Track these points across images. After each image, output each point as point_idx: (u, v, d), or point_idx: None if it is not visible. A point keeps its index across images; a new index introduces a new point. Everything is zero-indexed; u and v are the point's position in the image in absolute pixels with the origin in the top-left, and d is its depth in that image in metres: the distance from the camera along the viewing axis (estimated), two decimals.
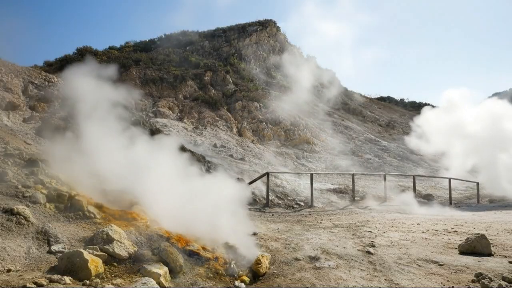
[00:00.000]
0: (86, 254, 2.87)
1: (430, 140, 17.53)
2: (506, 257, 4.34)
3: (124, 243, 3.34)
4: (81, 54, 19.91)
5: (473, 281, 3.47)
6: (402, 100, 37.71)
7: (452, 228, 6.15)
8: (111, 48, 24.83)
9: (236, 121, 17.98)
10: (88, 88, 5.50)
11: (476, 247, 4.50)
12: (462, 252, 4.54)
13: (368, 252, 4.48)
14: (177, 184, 4.71)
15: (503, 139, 15.40)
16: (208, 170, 9.06)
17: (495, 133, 15.43)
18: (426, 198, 11.95)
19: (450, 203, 11.37)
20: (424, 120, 18.81)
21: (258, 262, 3.74)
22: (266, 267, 3.80)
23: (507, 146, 15.42)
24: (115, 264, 3.12)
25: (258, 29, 28.11)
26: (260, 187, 9.73)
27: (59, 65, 17.93)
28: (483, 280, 3.36)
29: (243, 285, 3.34)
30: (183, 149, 8.97)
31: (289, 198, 9.89)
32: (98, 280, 2.75)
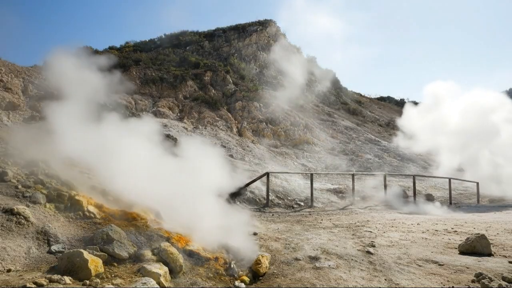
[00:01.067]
0: (86, 254, 2.87)
1: (418, 139, 17.27)
2: (506, 257, 4.34)
3: (124, 243, 3.34)
4: None
5: (473, 281, 3.47)
6: (402, 100, 37.71)
7: (452, 228, 6.15)
8: (111, 48, 24.82)
9: (236, 121, 17.97)
10: (71, 69, 5.40)
11: (476, 247, 4.50)
12: (462, 252, 4.54)
13: (368, 252, 4.48)
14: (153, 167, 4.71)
15: (489, 133, 15.11)
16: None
17: (480, 127, 15.13)
18: (426, 198, 11.95)
19: (450, 203, 11.37)
20: (407, 119, 18.38)
21: (258, 262, 3.74)
22: (266, 267, 3.80)
23: (492, 140, 15.17)
24: (115, 264, 3.12)
25: (258, 29, 28.10)
26: (260, 187, 9.73)
27: None
28: (483, 280, 3.36)
29: (243, 285, 3.34)
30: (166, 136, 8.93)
31: (289, 198, 9.88)
32: (98, 280, 2.75)
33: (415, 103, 24.51)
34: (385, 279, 3.57)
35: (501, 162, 14.87)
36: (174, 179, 4.61)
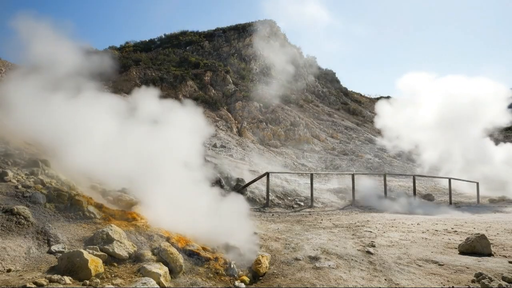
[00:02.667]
0: (86, 254, 2.87)
1: (402, 138, 17.03)
2: (506, 257, 4.34)
3: (124, 243, 3.34)
4: None
5: (473, 281, 3.47)
6: None
7: (452, 228, 6.15)
8: (111, 48, 24.84)
9: (236, 121, 17.97)
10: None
11: (476, 247, 4.50)
12: (462, 252, 4.54)
13: (368, 252, 4.48)
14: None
15: (464, 127, 14.89)
16: None
17: (455, 120, 14.93)
18: (426, 198, 11.96)
19: (450, 203, 11.37)
20: (382, 119, 18.11)
21: (258, 262, 3.74)
22: (266, 267, 3.80)
23: (468, 135, 14.96)
24: (115, 264, 3.12)
25: (258, 29, 28.13)
26: (260, 187, 9.73)
27: None
28: (483, 280, 3.36)
29: (243, 285, 3.34)
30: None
31: (289, 198, 9.88)
32: (98, 280, 2.75)
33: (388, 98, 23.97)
34: (385, 279, 3.57)
35: (472, 158, 14.77)
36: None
